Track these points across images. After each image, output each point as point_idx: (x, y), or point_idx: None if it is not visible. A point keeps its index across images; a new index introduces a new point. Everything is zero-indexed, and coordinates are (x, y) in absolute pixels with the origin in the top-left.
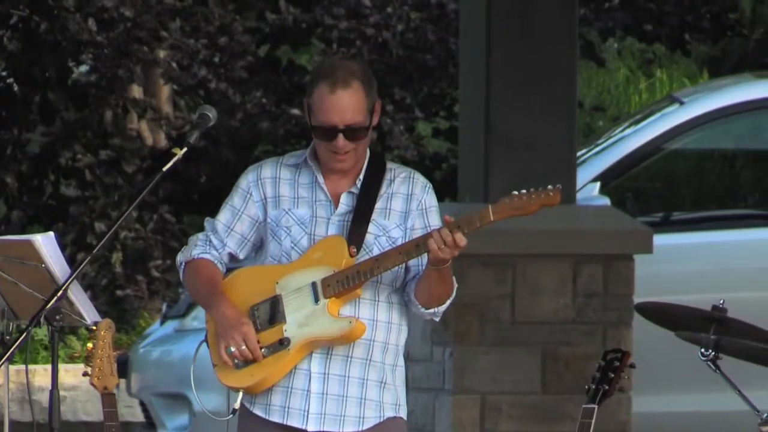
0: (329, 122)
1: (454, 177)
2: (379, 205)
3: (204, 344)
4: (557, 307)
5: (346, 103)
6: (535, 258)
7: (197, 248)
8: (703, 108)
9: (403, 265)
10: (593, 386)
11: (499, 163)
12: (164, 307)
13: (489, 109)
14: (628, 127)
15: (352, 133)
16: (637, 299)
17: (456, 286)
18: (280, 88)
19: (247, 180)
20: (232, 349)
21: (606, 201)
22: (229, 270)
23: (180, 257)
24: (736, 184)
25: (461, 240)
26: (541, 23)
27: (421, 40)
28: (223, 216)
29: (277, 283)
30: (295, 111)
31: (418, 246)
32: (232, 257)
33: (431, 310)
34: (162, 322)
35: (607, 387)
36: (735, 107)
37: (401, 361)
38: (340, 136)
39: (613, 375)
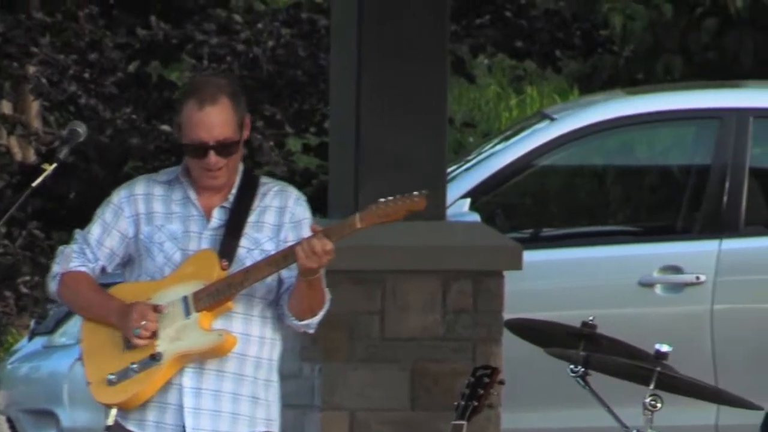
0: (199, 139)
1: (324, 193)
2: (251, 218)
3: (78, 362)
4: (427, 324)
5: (214, 120)
6: (404, 274)
7: (74, 261)
8: (573, 124)
9: (277, 278)
10: (462, 402)
11: (369, 179)
12: (32, 324)
13: (359, 125)
14: (499, 143)
15: (223, 148)
16: (507, 315)
17: (329, 297)
18: (150, 104)
19: (119, 196)
20: (137, 331)
21: (476, 217)
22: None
23: (56, 268)
24: (606, 201)
25: (327, 245)
26: (412, 39)
27: (292, 56)
28: (95, 230)
29: (150, 298)
30: (165, 127)
31: (286, 256)
32: (103, 270)
33: (304, 322)
34: (30, 338)
35: (476, 403)
36: (605, 124)
37: (275, 377)
38: (211, 152)
39: (482, 391)
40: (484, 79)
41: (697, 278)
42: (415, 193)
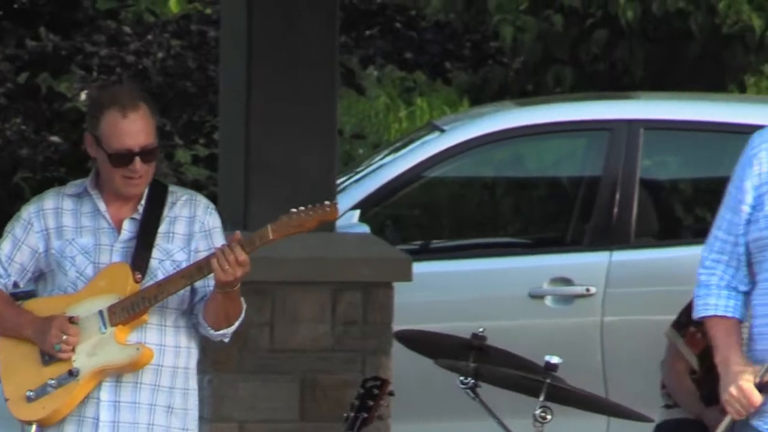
0: (125, 147)
1: (215, 203)
2: (162, 228)
3: None
4: (316, 335)
5: (139, 126)
6: (294, 285)
7: None
8: (463, 136)
9: (189, 287)
10: (352, 414)
11: (259, 190)
12: None
13: (249, 136)
14: (389, 154)
15: (147, 155)
16: (397, 327)
17: (245, 306)
18: (40, 115)
19: (28, 211)
20: (58, 346)
21: (366, 229)
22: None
23: None
24: (496, 213)
25: (240, 256)
26: (302, 51)
27: (181, 68)
28: (5, 245)
29: (65, 312)
30: (55, 138)
31: (200, 268)
32: (15, 286)
33: (221, 332)
34: None
35: (366, 415)
36: (495, 135)
37: (193, 385)
38: (137, 159)
39: (372, 403)
40: (373, 91)
41: (588, 290)
42: (327, 202)
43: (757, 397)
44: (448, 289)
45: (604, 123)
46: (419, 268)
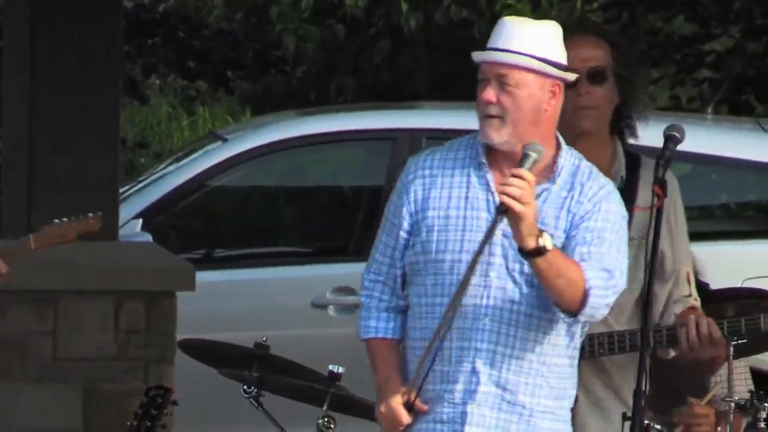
0: None
1: None
2: None
3: None
4: (99, 344)
5: None
6: (76, 294)
7: None
8: (245, 145)
9: None
10: (135, 423)
11: (41, 199)
12: None
13: (31, 145)
14: (171, 164)
15: None
16: (180, 336)
17: None
18: None
19: None
20: None
21: (148, 237)
22: None
23: None
24: (279, 222)
25: (1, 267)
26: (85, 59)
27: None
28: None
29: None
30: None
31: None
32: None
33: None
34: None
35: (149, 423)
36: (277, 144)
37: None
38: None
39: (155, 412)
40: (156, 100)
41: None
42: (90, 214)
43: (403, 416)
44: (232, 298)
45: (387, 132)
46: (202, 277)
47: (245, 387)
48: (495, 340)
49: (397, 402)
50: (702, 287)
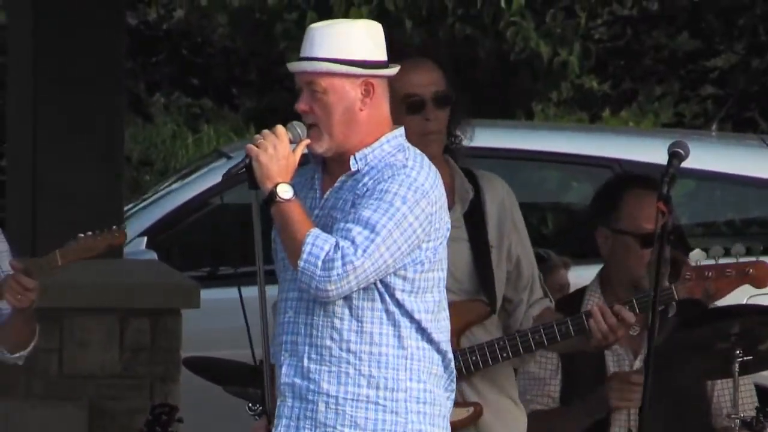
0: None
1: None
2: None
3: None
4: (104, 361)
5: None
6: (82, 312)
7: None
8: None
9: None
10: None
11: (46, 216)
12: None
13: (35, 161)
14: (176, 181)
15: None
16: (185, 354)
17: (38, 327)
18: None
19: None
20: None
21: (153, 255)
22: None
23: None
24: None
25: (29, 284)
26: (88, 76)
27: None
28: None
29: None
30: None
31: None
32: None
33: (17, 355)
34: None
35: None
36: None
37: None
38: None
39: (160, 429)
40: (160, 117)
41: None
42: (114, 227)
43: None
44: (236, 315)
45: None
46: (207, 294)
47: (250, 404)
48: (296, 331)
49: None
50: (704, 303)
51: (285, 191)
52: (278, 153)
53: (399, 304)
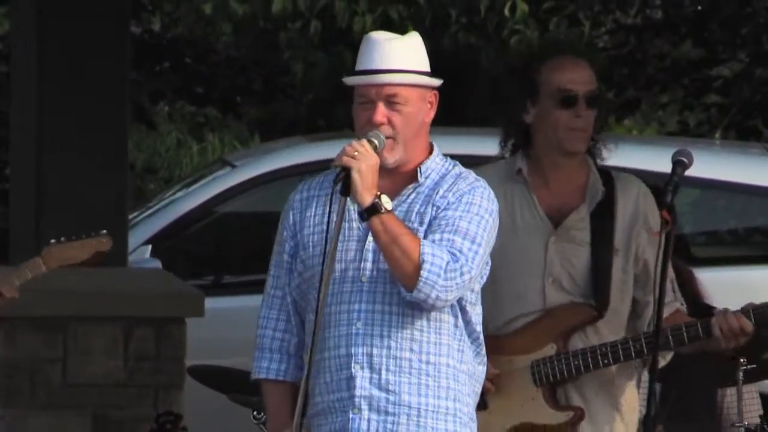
0: None
1: (6, 239)
2: None
3: None
4: (108, 370)
5: None
6: (86, 320)
7: None
8: (254, 171)
9: None
10: None
11: (51, 225)
12: None
13: (40, 171)
14: (180, 190)
15: None
16: (190, 362)
17: None
18: None
19: None
20: None
21: (158, 264)
22: None
23: None
24: None
25: (9, 292)
26: (92, 84)
27: None
28: None
29: None
30: None
31: None
32: None
33: None
34: None
35: None
36: (286, 170)
37: None
38: None
39: None
40: (164, 126)
41: None
42: (94, 233)
43: None
44: (241, 324)
45: None
46: (211, 303)
47: (255, 413)
48: (369, 342)
49: None
50: (708, 311)
51: (388, 201)
52: (375, 164)
53: (466, 317)
